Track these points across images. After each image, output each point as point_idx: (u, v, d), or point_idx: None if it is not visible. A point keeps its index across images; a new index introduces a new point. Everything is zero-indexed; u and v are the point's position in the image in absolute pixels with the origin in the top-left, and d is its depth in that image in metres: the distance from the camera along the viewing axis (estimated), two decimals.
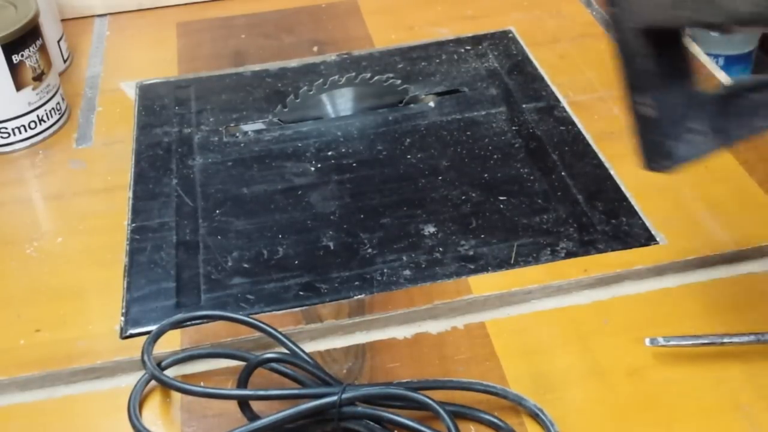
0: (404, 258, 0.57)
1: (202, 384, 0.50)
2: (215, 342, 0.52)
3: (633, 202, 0.61)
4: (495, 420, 0.46)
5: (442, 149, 0.67)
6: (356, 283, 0.55)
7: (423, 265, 0.56)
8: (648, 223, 0.59)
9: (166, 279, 0.56)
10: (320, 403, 0.44)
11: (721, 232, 0.58)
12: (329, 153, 0.68)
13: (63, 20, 0.83)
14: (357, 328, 0.53)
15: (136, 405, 0.48)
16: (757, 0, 0.31)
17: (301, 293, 0.55)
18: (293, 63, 0.80)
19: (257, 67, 0.80)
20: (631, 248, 0.57)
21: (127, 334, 0.53)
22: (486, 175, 0.64)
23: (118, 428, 0.48)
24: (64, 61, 0.81)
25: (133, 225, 0.61)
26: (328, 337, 0.53)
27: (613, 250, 0.57)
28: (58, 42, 0.80)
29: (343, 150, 0.68)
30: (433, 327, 0.53)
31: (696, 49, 0.76)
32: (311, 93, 0.72)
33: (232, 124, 0.72)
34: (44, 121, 0.71)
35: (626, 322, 0.53)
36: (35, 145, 0.71)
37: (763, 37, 1.16)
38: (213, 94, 0.76)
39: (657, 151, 0.40)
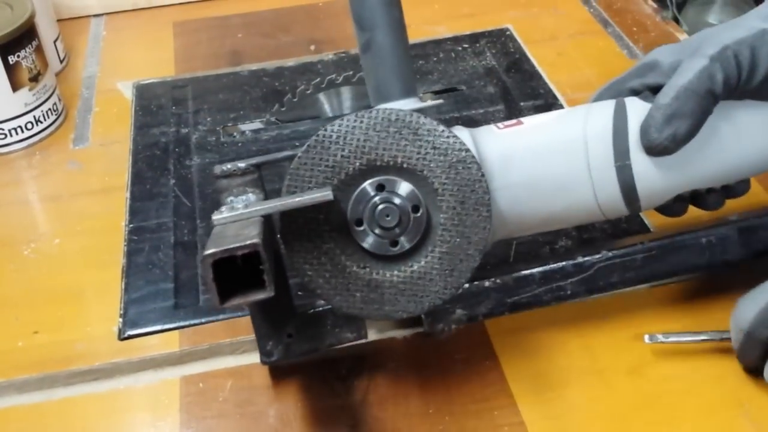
0: None
1: (200, 385, 0.50)
2: (213, 343, 0.52)
3: None
4: None
5: None
6: None
7: None
8: (646, 221, 0.59)
9: (164, 280, 0.56)
10: None
11: None
12: None
13: (59, 20, 0.83)
14: None
15: None
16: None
17: (299, 293, 0.55)
18: (290, 62, 0.80)
19: (254, 67, 0.80)
20: None
21: (126, 335, 0.53)
22: None
23: (116, 430, 0.48)
24: (61, 62, 0.81)
25: (131, 226, 0.61)
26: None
27: None
28: (55, 42, 0.79)
29: None
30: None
31: None
32: (309, 92, 0.72)
33: (229, 124, 0.72)
34: (41, 122, 0.71)
35: (625, 320, 0.52)
36: (32, 146, 0.71)
37: None
38: (210, 94, 0.76)
39: (262, 347, 0.48)
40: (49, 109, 0.72)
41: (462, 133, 0.45)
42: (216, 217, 0.41)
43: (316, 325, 0.47)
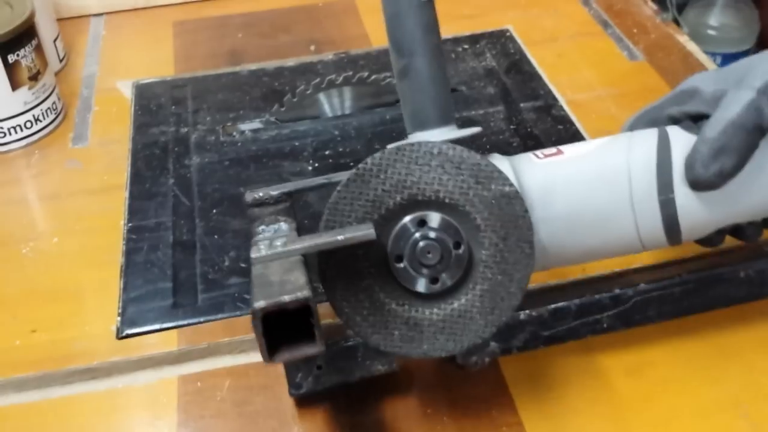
0: None
1: (198, 384, 0.50)
2: (211, 342, 0.52)
3: None
4: None
5: None
6: None
7: None
8: None
9: (163, 279, 0.56)
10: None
11: None
12: (326, 152, 0.67)
13: (59, 20, 0.82)
14: None
15: None
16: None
17: None
18: (290, 62, 0.80)
19: (254, 67, 0.80)
20: None
21: (124, 334, 0.53)
22: None
23: (114, 429, 0.48)
24: (60, 61, 0.81)
25: (130, 225, 0.61)
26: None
27: None
28: (54, 41, 0.79)
29: (341, 149, 0.68)
30: None
31: (693, 47, 0.76)
32: (308, 92, 0.72)
33: (228, 124, 0.72)
34: (40, 121, 0.71)
35: None
36: (31, 144, 0.71)
37: (760, 36, 1.16)
38: (209, 94, 0.76)
39: (291, 379, 0.46)
40: (49, 108, 0.72)
41: (503, 164, 0.44)
42: (255, 255, 0.39)
43: (347, 358, 0.46)
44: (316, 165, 0.66)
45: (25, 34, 0.69)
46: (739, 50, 1.14)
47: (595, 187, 0.44)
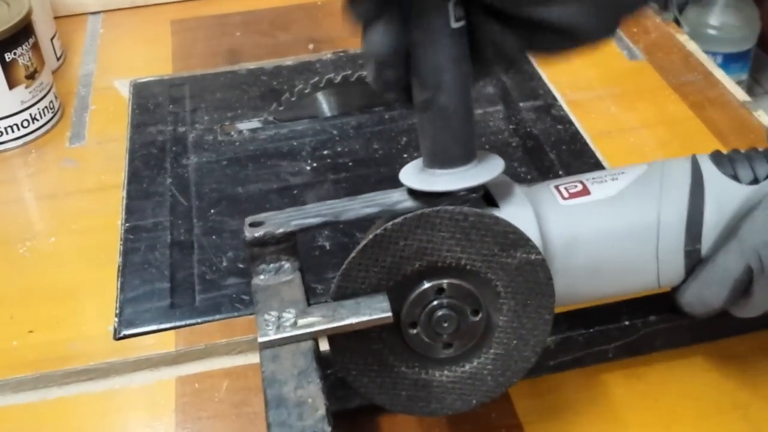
0: None
1: (196, 385, 0.50)
2: (209, 343, 0.51)
3: None
4: None
5: None
6: None
7: None
8: None
9: (161, 279, 0.56)
10: None
11: None
12: (325, 152, 0.67)
13: (56, 18, 0.82)
14: None
15: None
16: None
17: None
18: (288, 61, 0.80)
19: (252, 65, 0.79)
20: None
21: (121, 335, 0.52)
22: None
23: (111, 430, 0.48)
24: (57, 59, 0.80)
25: (127, 225, 0.61)
26: (323, 338, 0.52)
27: None
28: (51, 40, 0.79)
29: (339, 149, 0.67)
30: None
31: (694, 47, 0.76)
32: (307, 91, 0.71)
33: (226, 123, 0.71)
34: (37, 120, 0.71)
35: None
36: (28, 143, 0.71)
37: (761, 35, 1.16)
38: (207, 93, 0.75)
39: None
40: (46, 106, 0.71)
41: (526, 210, 0.41)
42: (263, 338, 0.37)
43: (345, 387, 0.44)
44: (315, 165, 0.66)
45: (22, 32, 0.69)
46: (739, 50, 1.14)
47: (621, 240, 0.42)
